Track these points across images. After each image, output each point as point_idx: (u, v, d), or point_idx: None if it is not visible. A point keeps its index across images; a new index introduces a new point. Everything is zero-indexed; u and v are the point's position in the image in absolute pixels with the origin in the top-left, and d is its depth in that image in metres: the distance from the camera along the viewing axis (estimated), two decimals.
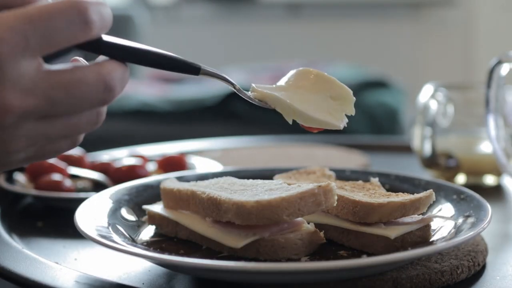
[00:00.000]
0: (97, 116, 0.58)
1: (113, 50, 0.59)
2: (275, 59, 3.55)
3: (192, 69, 0.65)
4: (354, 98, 0.70)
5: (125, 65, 0.59)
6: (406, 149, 1.34)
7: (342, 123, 0.69)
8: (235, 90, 0.69)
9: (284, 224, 0.68)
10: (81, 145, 0.99)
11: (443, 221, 0.73)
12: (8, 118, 0.52)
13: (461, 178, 1.11)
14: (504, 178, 1.11)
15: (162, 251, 0.71)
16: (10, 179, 1.00)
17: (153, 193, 0.83)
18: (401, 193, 0.72)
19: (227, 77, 0.68)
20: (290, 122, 0.69)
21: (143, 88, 2.79)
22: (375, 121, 2.53)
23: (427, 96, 1.13)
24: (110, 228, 0.72)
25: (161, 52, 0.62)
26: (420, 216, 0.71)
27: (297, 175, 0.84)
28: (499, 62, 0.96)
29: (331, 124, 0.68)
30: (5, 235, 0.82)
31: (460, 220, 0.72)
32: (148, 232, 0.78)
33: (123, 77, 0.58)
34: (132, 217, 0.79)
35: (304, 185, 0.68)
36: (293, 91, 0.70)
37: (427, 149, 1.12)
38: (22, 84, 0.52)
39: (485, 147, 1.11)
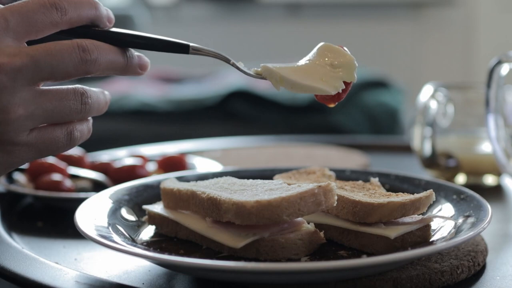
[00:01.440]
0: (81, 95, 0.65)
1: (100, 36, 0.66)
2: (275, 59, 3.55)
3: (181, 48, 0.69)
4: (356, 64, 0.71)
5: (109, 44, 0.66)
6: (406, 149, 1.34)
7: (333, 90, 0.70)
8: (230, 65, 0.70)
9: (284, 224, 0.68)
10: (81, 145, 0.99)
11: (443, 221, 0.73)
12: (1, 77, 0.60)
13: (461, 178, 1.11)
14: (504, 178, 1.11)
15: (162, 251, 0.71)
16: (10, 179, 1.00)
17: (153, 193, 0.83)
18: (401, 193, 0.72)
19: (220, 52, 0.70)
20: (278, 90, 0.70)
21: (143, 88, 2.79)
22: (375, 121, 2.53)
23: (427, 96, 1.13)
24: (110, 228, 0.72)
25: (150, 35, 0.68)
26: (420, 216, 0.71)
27: (297, 175, 0.84)
28: (499, 62, 0.96)
29: (318, 89, 0.69)
30: (5, 235, 0.82)
31: (460, 220, 0.72)
32: (148, 232, 0.78)
33: (99, 45, 0.65)
34: (132, 217, 0.79)
35: (304, 185, 0.68)
36: (295, 64, 0.71)
37: (427, 149, 1.12)
38: (8, 51, 0.61)
39: (485, 147, 1.11)
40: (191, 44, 0.68)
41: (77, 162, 1.05)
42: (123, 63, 0.67)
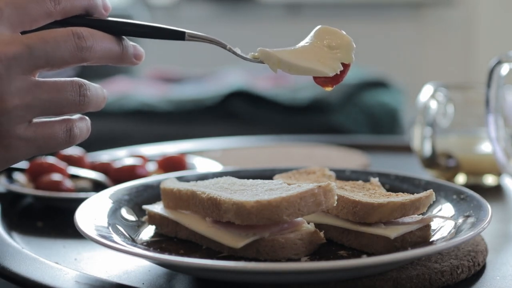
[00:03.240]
0: (79, 87, 0.65)
1: (95, 24, 0.66)
2: None
3: (177, 35, 0.68)
4: (354, 45, 0.70)
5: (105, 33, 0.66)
6: (406, 149, 1.33)
7: (331, 71, 0.69)
8: (227, 50, 0.70)
9: (284, 224, 0.68)
10: (81, 145, 0.99)
11: (443, 221, 0.73)
12: None
13: (461, 178, 1.11)
14: (504, 178, 1.11)
15: (162, 251, 0.71)
16: (10, 179, 1.00)
17: (153, 193, 0.83)
18: (401, 193, 0.72)
19: (216, 38, 0.70)
20: (275, 72, 0.70)
21: (143, 88, 2.79)
22: (375, 121, 2.53)
23: (427, 96, 1.12)
24: (110, 228, 0.72)
25: (146, 23, 0.68)
26: (420, 216, 0.71)
27: (297, 175, 0.84)
28: (499, 62, 0.96)
29: (316, 71, 0.69)
30: (5, 235, 0.82)
31: (460, 220, 0.72)
32: (148, 232, 0.78)
33: (94, 32, 0.65)
34: (132, 217, 0.79)
35: (304, 185, 0.68)
36: (293, 48, 0.71)
37: (427, 149, 1.12)
38: (2, 40, 0.61)
39: (485, 147, 1.11)
40: (186, 31, 0.68)
41: (77, 162, 1.05)
42: (119, 51, 0.67)
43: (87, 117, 0.69)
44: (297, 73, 0.69)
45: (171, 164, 1.07)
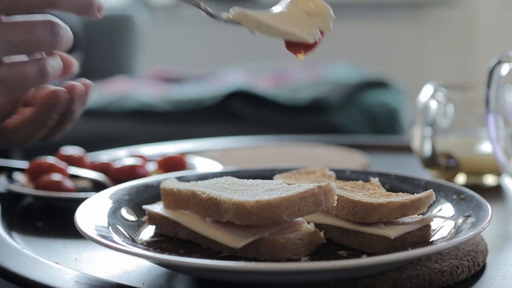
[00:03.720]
0: (51, 26, 0.62)
1: None
2: (275, 59, 3.55)
3: None
4: (333, 15, 0.70)
5: None
6: (406, 149, 1.33)
7: (310, 37, 0.68)
8: (202, 10, 0.69)
9: (284, 224, 0.68)
10: (81, 145, 0.99)
11: (443, 221, 0.73)
12: None
13: (461, 178, 1.11)
14: (504, 178, 1.11)
15: (162, 251, 0.71)
16: (10, 179, 1.00)
17: (153, 193, 0.83)
18: (401, 193, 0.72)
19: None
20: (253, 34, 0.69)
21: (143, 88, 2.79)
22: (375, 121, 2.53)
23: (427, 96, 1.12)
24: (110, 228, 0.72)
25: None
26: (420, 216, 0.71)
27: (297, 175, 0.84)
28: (499, 62, 0.96)
29: (295, 35, 0.68)
30: (5, 235, 0.82)
31: (460, 220, 0.72)
32: (148, 232, 0.78)
33: None
34: (132, 217, 0.79)
35: (304, 185, 0.68)
36: (270, 11, 0.70)
37: (427, 149, 1.12)
38: None
39: (485, 147, 1.11)
40: None
41: (77, 162, 1.05)
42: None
43: (57, 54, 0.67)
44: (275, 36, 0.68)
45: (171, 164, 1.07)
